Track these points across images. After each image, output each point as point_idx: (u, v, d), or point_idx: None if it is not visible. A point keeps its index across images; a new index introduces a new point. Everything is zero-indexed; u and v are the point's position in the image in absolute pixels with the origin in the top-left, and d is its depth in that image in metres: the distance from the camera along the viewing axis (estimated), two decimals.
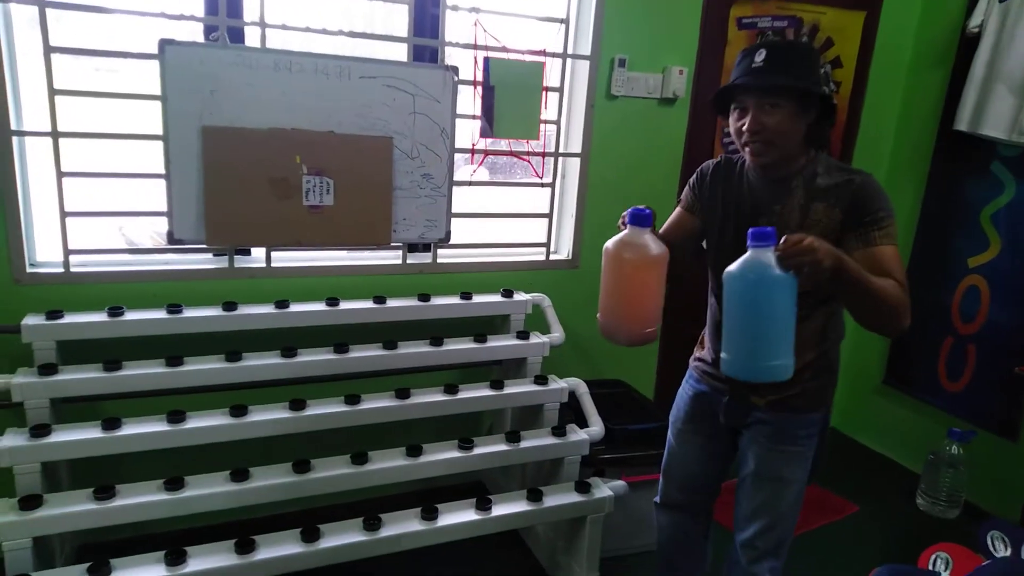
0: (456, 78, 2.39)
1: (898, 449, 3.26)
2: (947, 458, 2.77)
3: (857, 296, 1.37)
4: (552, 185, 2.70)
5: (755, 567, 1.69)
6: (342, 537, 1.84)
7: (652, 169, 2.82)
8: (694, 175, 1.75)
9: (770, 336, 1.26)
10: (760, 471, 1.65)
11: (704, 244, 1.73)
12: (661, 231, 1.73)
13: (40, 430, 1.81)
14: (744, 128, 1.48)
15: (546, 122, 2.58)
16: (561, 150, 2.67)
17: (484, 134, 2.50)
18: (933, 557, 1.49)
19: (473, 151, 2.52)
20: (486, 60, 2.43)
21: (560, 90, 2.61)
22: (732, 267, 1.27)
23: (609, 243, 1.47)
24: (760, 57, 1.44)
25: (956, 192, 2.95)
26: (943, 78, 2.97)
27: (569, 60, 2.61)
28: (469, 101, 2.46)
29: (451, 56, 2.45)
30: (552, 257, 2.77)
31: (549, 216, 2.73)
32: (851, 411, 3.43)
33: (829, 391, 1.66)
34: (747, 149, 1.51)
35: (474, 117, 2.48)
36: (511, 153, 2.60)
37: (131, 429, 1.89)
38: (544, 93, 2.53)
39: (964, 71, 2.79)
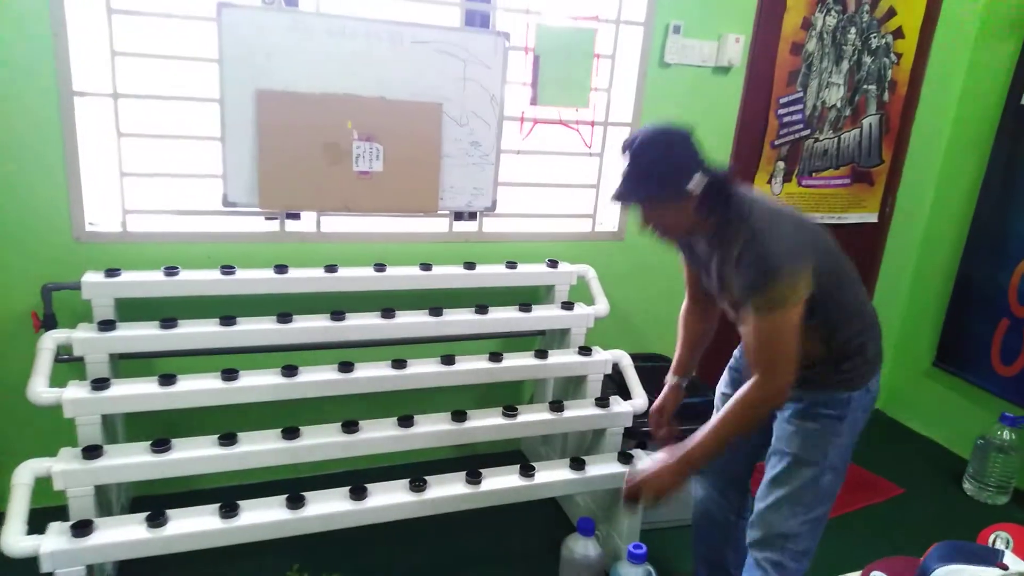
0: (507, 44, 2.36)
1: (945, 433, 3.19)
2: (997, 443, 2.71)
3: (721, 448, 1.50)
4: (600, 155, 2.67)
5: (755, 552, 1.62)
6: (389, 497, 1.87)
7: (703, 140, 2.71)
8: None
9: None
10: (777, 446, 1.61)
11: None
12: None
13: (100, 383, 1.87)
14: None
15: (596, 90, 2.55)
16: (610, 119, 2.63)
17: (534, 102, 2.47)
18: (993, 536, 1.46)
19: (523, 119, 2.50)
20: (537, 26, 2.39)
21: (612, 57, 2.56)
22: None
23: None
24: (622, 168, 1.47)
25: (1019, 170, 2.84)
26: (1013, 50, 2.84)
27: (622, 26, 2.55)
28: (520, 68, 2.43)
29: (502, 21, 2.41)
30: (598, 229, 2.74)
31: (596, 187, 2.70)
32: (898, 393, 3.37)
33: (860, 373, 1.56)
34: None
35: (524, 84, 2.45)
36: (560, 122, 2.57)
37: (187, 385, 1.94)
38: (596, 60, 2.49)
39: None
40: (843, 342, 1.53)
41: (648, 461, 1.57)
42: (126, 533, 1.66)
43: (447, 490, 1.94)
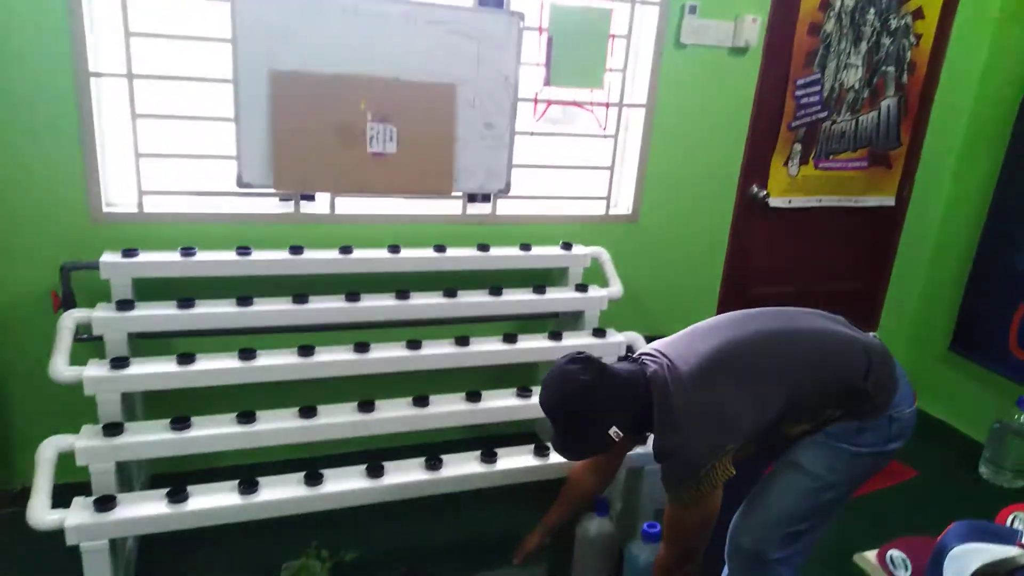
0: (521, 24, 2.34)
1: (961, 417, 3.17)
2: (1014, 427, 2.69)
3: None
4: (615, 137, 2.65)
5: (728, 558, 1.65)
6: (405, 475, 1.89)
7: (719, 122, 2.74)
8: None
9: None
10: (786, 455, 1.61)
11: None
12: None
13: (120, 362, 1.89)
14: None
15: (611, 71, 2.53)
16: (625, 101, 2.61)
17: (548, 83, 2.46)
18: (1011, 516, 1.46)
19: (536, 100, 2.49)
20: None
21: (627, 38, 2.54)
22: None
23: None
24: (552, 431, 1.57)
25: None
26: None
27: (637, 6, 2.52)
28: (534, 49, 2.42)
29: (516, 1, 2.40)
30: (612, 211, 2.73)
31: (610, 169, 2.69)
32: (913, 377, 3.31)
33: (865, 410, 1.56)
34: None
35: (538, 65, 2.44)
36: (574, 103, 2.56)
37: (205, 364, 1.96)
38: (611, 41, 2.47)
39: None
40: (829, 415, 1.54)
41: None
42: (148, 508, 1.69)
43: (462, 469, 1.96)
